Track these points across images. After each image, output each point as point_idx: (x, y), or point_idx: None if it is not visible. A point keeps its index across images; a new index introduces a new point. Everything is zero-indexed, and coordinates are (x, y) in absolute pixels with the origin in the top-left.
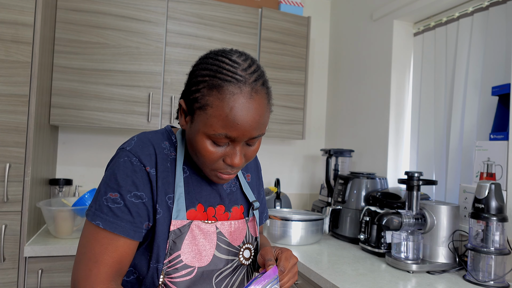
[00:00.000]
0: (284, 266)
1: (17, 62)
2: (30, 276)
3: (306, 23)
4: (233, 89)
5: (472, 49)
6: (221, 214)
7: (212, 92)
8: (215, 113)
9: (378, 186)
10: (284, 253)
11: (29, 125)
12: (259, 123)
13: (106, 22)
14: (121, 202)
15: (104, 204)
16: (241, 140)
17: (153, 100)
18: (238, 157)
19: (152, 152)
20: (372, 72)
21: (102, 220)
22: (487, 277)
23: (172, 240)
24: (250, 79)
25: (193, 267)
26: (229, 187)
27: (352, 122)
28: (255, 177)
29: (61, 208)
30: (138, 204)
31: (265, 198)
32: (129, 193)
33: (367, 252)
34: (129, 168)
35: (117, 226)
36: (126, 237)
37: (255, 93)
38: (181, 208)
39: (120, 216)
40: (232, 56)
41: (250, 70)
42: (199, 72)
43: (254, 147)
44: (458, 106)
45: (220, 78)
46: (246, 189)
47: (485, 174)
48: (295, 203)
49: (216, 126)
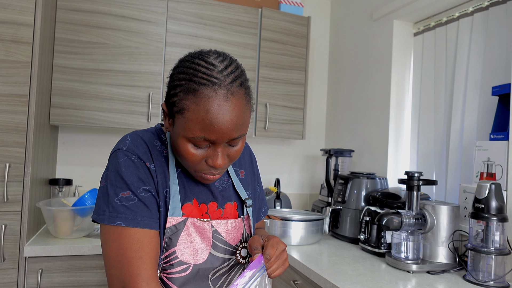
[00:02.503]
0: (270, 253)
1: (17, 62)
2: (30, 276)
3: (306, 23)
4: (208, 92)
5: (472, 49)
6: (214, 211)
7: (188, 96)
8: (192, 116)
9: (378, 186)
10: (270, 241)
11: (29, 125)
12: (237, 124)
13: (106, 22)
14: (135, 199)
15: (118, 204)
16: (221, 142)
17: (153, 100)
18: (220, 158)
19: (146, 149)
20: (372, 72)
21: (123, 219)
22: (487, 277)
23: (168, 237)
24: (226, 80)
25: (188, 264)
26: (221, 184)
27: (352, 122)
28: (249, 173)
29: (61, 208)
30: (149, 197)
31: (263, 193)
32: (139, 188)
33: (367, 252)
34: (131, 165)
35: (140, 221)
36: (150, 229)
37: (231, 94)
38: (176, 205)
39: (138, 211)
40: (209, 58)
41: (226, 72)
42: (176, 76)
43: (237, 147)
44: (458, 106)
45: (195, 82)
46: (238, 187)
47: (485, 174)
48: (295, 203)
49: (194, 129)
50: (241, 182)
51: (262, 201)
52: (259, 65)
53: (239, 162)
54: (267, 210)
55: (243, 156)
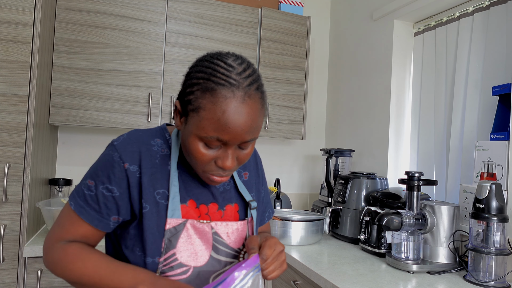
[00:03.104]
0: (267, 254)
1: (17, 62)
2: (29, 277)
3: (306, 23)
4: (226, 92)
5: (473, 49)
6: (214, 212)
7: (205, 95)
8: (208, 116)
9: (378, 186)
10: (268, 241)
11: (28, 125)
12: (251, 127)
13: (106, 22)
14: (94, 191)
15: (81, 188)
16: (233, 143)
17: (153, 100)
18: (230, 160)
19: (136, 149)
20: (372, 72)
21: (75, 202)
22: (487, 277)
23: (168, 239)
24: (244, 83)
25: (188, 266)
26: (222, 186)
27: (352, 122)
28: (253, 175)
29: (60, 208)
30: (107, 196)
31: (269, 196)
32: (102, 184)
33: (367, 252)
34: (109, 161)
35: (84, 212)
36: (89, 223)
37: (248, 97)
38: (176, 207)
39: (89, 203)
40: (228, 60)
41: (244, 74)
42: (194, 74)
43: (247, 151)
44: (458, 106)
45: (213, 81)
46: (242, 188)
47: (486, 174)
48: (295, 203)
49: (208, 129)
50: (245, 184)
51: (267, 204)
52: (259, 65)
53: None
54: (271, 213)
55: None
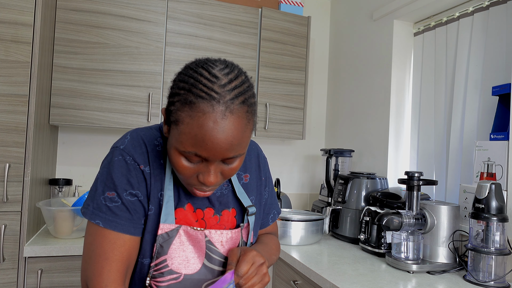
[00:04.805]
0: (242, 270)
1: (17, 62)
2: (29, 276)
3: (306, 23)
4: (205, 107)
5: (472, 49)
6: (210, 218)
7: (184, 107)
8: (185, 130)
9: (378, 186)
10: (246, 255)
11: (28, 125)
12: (232, 144)
13: (106, 22)
14: (119, 201)
15: (102, 203)
16: (214, 160)
17: (153, 100)
18: (212, 176)
19: (144, 150)
20: (372, 72)
21: (102, 219)
22: (487, 277)
23: (160, 244)
24: (227, 97)
25: (179, 273)
26: (219, 190)
27: (352, 122)
28: (255, 177)
29: (60, 208)
30: (134, 201)
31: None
32: (125, 191)
33: (367, 252)
34: (124, 167)
35: (117, 224)
36: (125, 234)
37: (230, 112)
38: (170, 212)
39: (119, 214)
40: (214, 69)
41: (229, 86)
42: (177, 83)
43: (233, 166)
44: (458, 106)
45: (194, 94)
46: (240, 193)
47: (485, 174)
48: (295, 203)
49: (186, 143)
50: (245, 187)
51: (271, 205)
52: (259, 65)
53: (244, 165)
54: (277, 214)
55: (249, 159)
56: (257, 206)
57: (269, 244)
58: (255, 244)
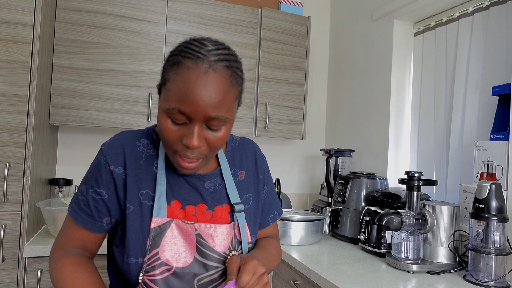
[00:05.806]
0: (244, 281)
1: (17, 62)
2: (29, 276)
3: (306, 23)
4: (189, 63)
5: (472, 49)
6: (203, 213)
7: (172, 68)
8: (171, 86)
9: (378, 186)
10: (247, 265)
11: (28, 125)
12: (214, 100)
13: (106, 22)
14: (85, 196)
15: (77, 194)
16: (196, 118)
17: (153, 100)
18: (195, 138)
19: (120, 151)
20: (372, 72)
21: (71, 209)
22: (487, 277)
23: (152, 237)
24: (211, 58)
25: (170, 266)
26: (212, 186)
27: (352, 122)
28: (251, 175)
29: (60, 208)
30: (97, 200)
31: (275, 196)
32: (92, 188)
33: (367, 252)
34: (96, 166)
35: (78, 216)
36: (84, 228)
37: (213, 70)
38: (162, 206)
39: (82, 208)
40: (204, 40)
41: (214, 52)
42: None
43: (219, 134)
44: (458, 106)
45: (181, 56)
46: (231, 189)
47: (486, 174)
48: (295, 203)
49: (171, 100)
50: (238, 184)
51: (271, 205)
52: (259, 65)
53: (240, 162)
54: (277, 215)
55: (246, 156)
56: (254, 205)
57: (269, 250)
58: (254, 249)
